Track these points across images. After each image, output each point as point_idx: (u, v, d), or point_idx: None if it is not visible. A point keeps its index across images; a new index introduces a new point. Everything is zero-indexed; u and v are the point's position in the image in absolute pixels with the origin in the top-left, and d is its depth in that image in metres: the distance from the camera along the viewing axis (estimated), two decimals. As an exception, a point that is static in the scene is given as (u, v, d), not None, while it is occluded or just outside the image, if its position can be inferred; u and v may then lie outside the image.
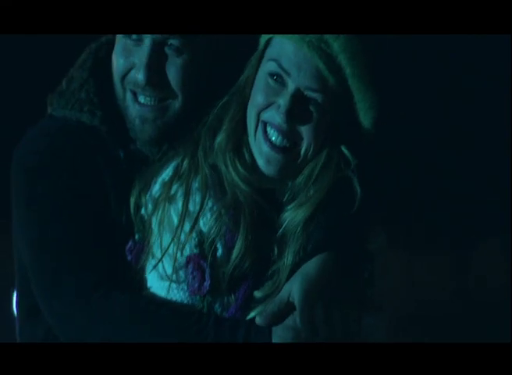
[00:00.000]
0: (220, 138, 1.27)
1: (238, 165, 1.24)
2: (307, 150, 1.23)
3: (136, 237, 1.30)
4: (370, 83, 1.24)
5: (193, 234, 1.23)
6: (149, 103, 1.34)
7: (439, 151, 2.83)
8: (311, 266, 1.17)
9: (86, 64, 1.42)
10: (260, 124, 1.23)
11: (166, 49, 1.31)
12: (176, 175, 1.28)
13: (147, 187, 1.30)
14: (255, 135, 1.24)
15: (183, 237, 1.23)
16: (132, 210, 1.30)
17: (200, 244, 1.23)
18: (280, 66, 1.20)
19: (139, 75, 1.32)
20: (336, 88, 1.21)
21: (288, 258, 1.20)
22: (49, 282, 1.30)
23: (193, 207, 1.24)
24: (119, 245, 1.32)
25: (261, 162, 1.24)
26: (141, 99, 1.35)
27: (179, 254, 1.23)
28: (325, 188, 1.22)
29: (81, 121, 1.37)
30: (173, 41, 1.30)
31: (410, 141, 2.77)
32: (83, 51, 1.46)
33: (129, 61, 1.34)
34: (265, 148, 1.22)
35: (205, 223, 1.23)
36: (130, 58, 1.34)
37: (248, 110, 1.26)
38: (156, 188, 1.29)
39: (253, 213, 1.22)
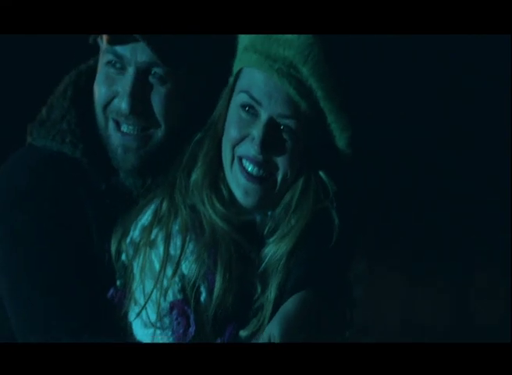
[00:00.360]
0: (196, 176, 1.26)
1: (215, 201, 1.23)
2: (284, 178, 1.23)
3: (118, 283, 1.28)
4: (342, 104, 1.23)
5: (176, 279, 1.21)
6: (132, 132, 1.32)
7: (439, 151, 2.84)
8: (289, 305, 1.16)
9: (66, 93, 1.39)
10: (235, 158, 1.23)
11: (150, 78, 1.30)
12: (156, 219, 1.26)
13: (126, 233, 1.28)
14: (231, 168, 1.23)
15: (165, 282, 1.21)
16: (113, 257, 1.28)
17: (183, 289, 1.21)
18: (251, 96, 1.20)
19: (122, 104, 1.30)
20: (309, 112, 1.20)
21: (271, 293, 1.19)
22: (27, 316, 1.27)
23: (174, 251, 1.23)
24: (101, 280, 1.29)
25: (239, 194, 1.23)
26: (124, 128, 1.33)
27: (162, 300, 1.21)
28: (306, 218, 1.21)
29: (62, 152, 1.35)
30: (157, 70, 1.29)
31: (410, 141, 2.78)
32: (63, 79, 1.43)
33: (112, 90, 1.32)
34: (242, 179, 1.21)
35: (187, 266, 1.22)
36: (113, 86, 1.32)
37: (223, 145, 1.25)
38: (136, 233, 1.27)
39: (230, 251, 1.21)
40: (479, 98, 2.77)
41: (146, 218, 1.28)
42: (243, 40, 1.24)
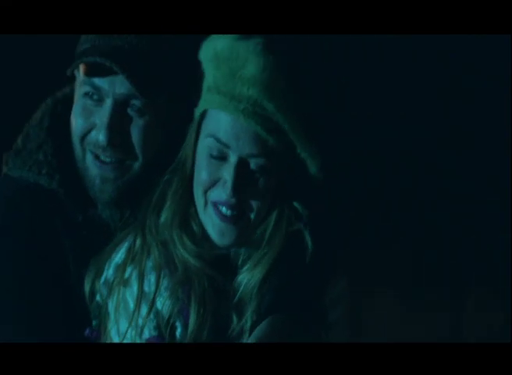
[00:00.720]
0: (165, 216, 1.25)
1: (186, 240, 1.22)
2: (258, 214, 1.22)
3: (94, 323, 1.27)
4: (310, 135, 1.22)
5: (151, 316, 1.20)
6: (109, 162, 1.32)
7: (439, 151, 2.84)
8: (261, 329, 1.14)
9: (43, 123, 1.37)
10: (209, 203, 1.22)
11: (128, 110, 1.29)
12: (130, 257, 1.25)
13: (100, 273, 1.27)
14: (205, 210, 1.23)
15: (140, 321, 1.20)
16: (87, 298, 1.27)
17: (158, 325, 1.20)
18: (219, 140, 1.18)
19: (100, 136, 1.28)
20: (277, 146, 1.19)
21: (247, 322, 1.19)
22: None
23: (148, 288, 1.22)
24: (78, 312, 1.28)
25: (214, 235, 1.22)
26: (102, 158, 1.32)
27: (137, 338, 1.20)
28: (278, 246, 1.21)
29: (39, 183, 1.34)
30: (135, 102, 1.28)
31: (410, 141, 2.78)
32: (39, 107, 1.42)
33: (90, 121, 1.31)
34: (217, 220, 1.21)
35: (161, 303, 1.21)
36: (91, 118, 1.30)
37: (194, 188, 1.24)
38: (110, 273, 1.27)
39: (203, 285, 1.20)
40: (479, 98, 2.77)
41: (119, 256, 1.27)
42: (207, 80, 1.22)
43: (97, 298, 1.27)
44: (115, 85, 1.27)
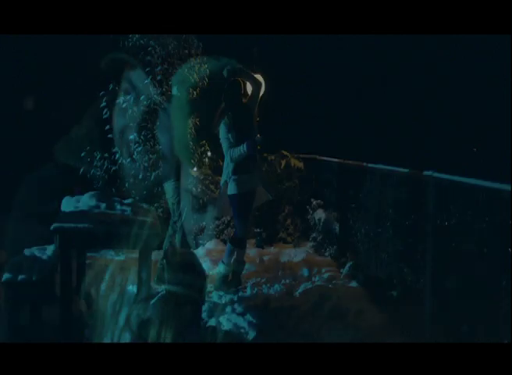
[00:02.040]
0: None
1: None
2: None
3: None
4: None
5: (131, 318, 1.30)
6: (141, 161, 1.37)
7: (439, 155, 2.85)
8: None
9: (93, 115, 1.45)
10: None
11: (160, 112, 1.33)
12: (119, 266, 1.35)
13: (96, 281, 1.38)
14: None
15: (121, 323, 1.29)
16: (83, 303, 1.39)
17: (138, 327, 1.29)
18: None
19: (131, 135, 1.34)
20: None
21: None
22: None
23: (132, 292, 1.37)
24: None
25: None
26: (135, 157, 1.37)
27: (116, 339, 1.27)
28: None
29: (79, 171, 1.40)
30: (166, 105, 1.31)
31: (410, 147, 2.78)
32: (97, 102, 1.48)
33: (126, 120, 1.36)
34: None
35: (142, 307, 1.31)
36: (127, 117, 1.36)
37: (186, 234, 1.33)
38: (106, 280, 1.41)
39: (167, 307, 1.34)
40: (479, 98, 2.77)
41: (112, 266, 1.35)
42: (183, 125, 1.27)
43: (94, 305, 1.36)
44: (150, 87, 1.31)
